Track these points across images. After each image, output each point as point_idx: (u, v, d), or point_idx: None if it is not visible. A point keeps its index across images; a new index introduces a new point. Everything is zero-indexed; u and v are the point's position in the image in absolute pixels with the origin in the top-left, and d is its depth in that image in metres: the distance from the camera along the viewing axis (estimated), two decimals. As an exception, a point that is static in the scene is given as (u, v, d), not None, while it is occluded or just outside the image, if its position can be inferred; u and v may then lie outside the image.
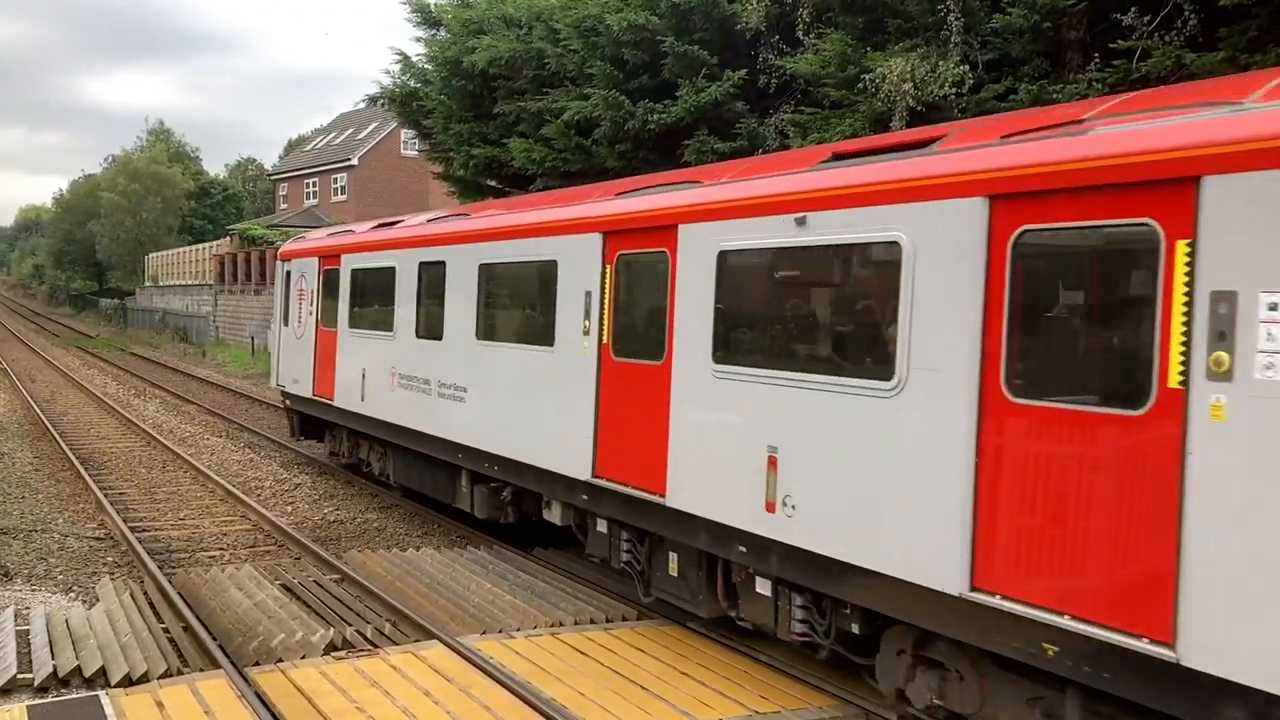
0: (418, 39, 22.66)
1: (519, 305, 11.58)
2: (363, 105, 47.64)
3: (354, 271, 15.26)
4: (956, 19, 12.92)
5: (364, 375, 14.60)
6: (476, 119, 20.85)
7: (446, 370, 12.32)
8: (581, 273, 9.82)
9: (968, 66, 12.87)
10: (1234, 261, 4.86)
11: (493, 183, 21.75)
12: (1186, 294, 5.05)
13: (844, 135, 13.65)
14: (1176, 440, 5.06)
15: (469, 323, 11.88)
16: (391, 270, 13.88)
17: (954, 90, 12.70)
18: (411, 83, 22.76)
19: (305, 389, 16.92)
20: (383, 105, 25.38)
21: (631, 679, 8.12)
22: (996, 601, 5.88)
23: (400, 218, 15.65)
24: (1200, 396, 4.98)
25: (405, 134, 51.41)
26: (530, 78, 19.12)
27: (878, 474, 6.68)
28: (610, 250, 9.52)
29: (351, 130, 64.88)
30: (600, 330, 9.58)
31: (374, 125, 60.09)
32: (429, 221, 13.85)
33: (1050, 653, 5.60)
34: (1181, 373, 5.08)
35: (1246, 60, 10.76)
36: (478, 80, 20.04)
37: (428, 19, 22.19)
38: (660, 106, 16.51)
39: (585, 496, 9.76)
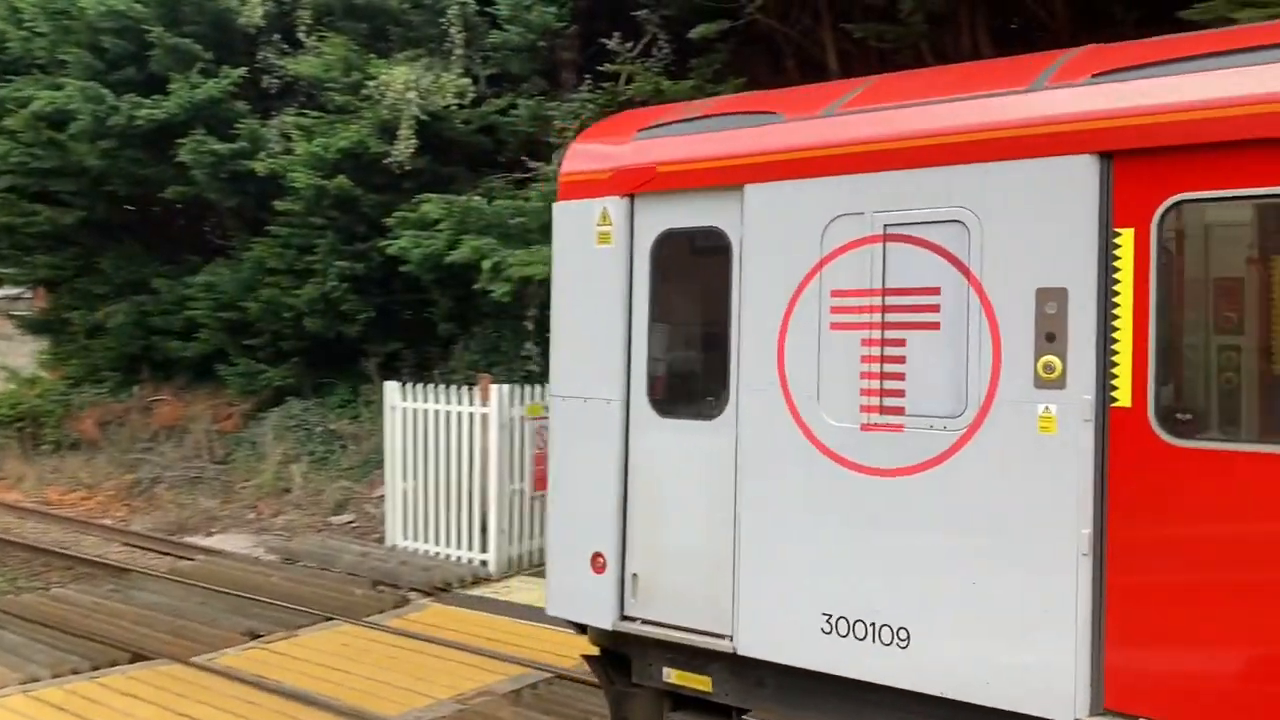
0: None
1: None
2: None
3: None
4: (459, 31, 13.21)
5: None
6: (-79, 106, 17.91)
7: None
8: None
9: (470, 79, 13.20)
10: None
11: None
12: None
13: (351, 141, 13.39)
14: None
15: None
16: None
17: (456, 102, 12.97)
18: None
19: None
20: None
21: (122, 730, 7.33)
22: None
23: None
24: None
25: None
26: (-11, 62, 16.80)
27: None
28: None
29: None
30: None
31: None
32: None
33: None
34: None
35: (712, 89, 12.01)
36: (-79, 61, 17.24)
37: None
38: (150, 101, 15.21)
39: None
